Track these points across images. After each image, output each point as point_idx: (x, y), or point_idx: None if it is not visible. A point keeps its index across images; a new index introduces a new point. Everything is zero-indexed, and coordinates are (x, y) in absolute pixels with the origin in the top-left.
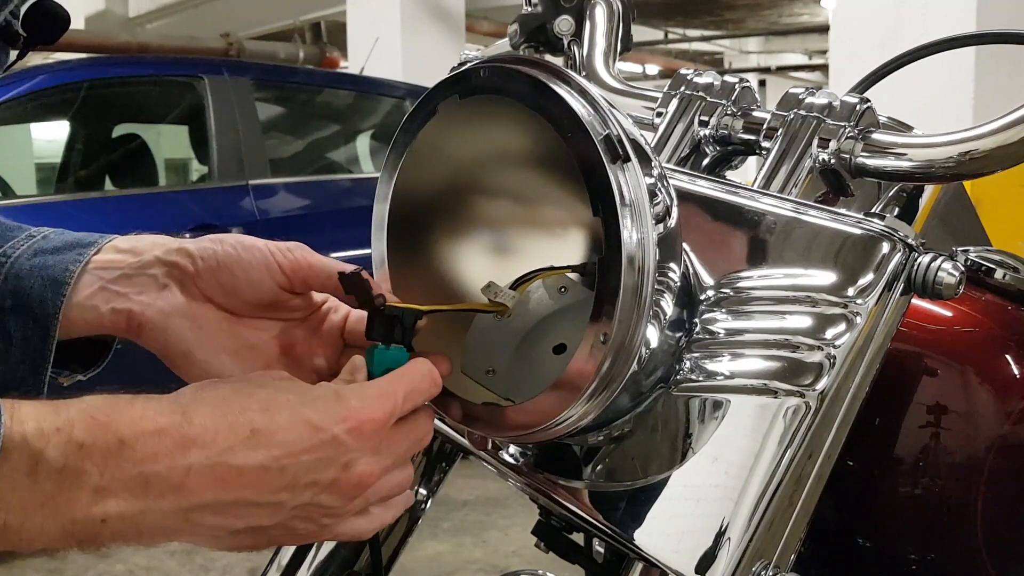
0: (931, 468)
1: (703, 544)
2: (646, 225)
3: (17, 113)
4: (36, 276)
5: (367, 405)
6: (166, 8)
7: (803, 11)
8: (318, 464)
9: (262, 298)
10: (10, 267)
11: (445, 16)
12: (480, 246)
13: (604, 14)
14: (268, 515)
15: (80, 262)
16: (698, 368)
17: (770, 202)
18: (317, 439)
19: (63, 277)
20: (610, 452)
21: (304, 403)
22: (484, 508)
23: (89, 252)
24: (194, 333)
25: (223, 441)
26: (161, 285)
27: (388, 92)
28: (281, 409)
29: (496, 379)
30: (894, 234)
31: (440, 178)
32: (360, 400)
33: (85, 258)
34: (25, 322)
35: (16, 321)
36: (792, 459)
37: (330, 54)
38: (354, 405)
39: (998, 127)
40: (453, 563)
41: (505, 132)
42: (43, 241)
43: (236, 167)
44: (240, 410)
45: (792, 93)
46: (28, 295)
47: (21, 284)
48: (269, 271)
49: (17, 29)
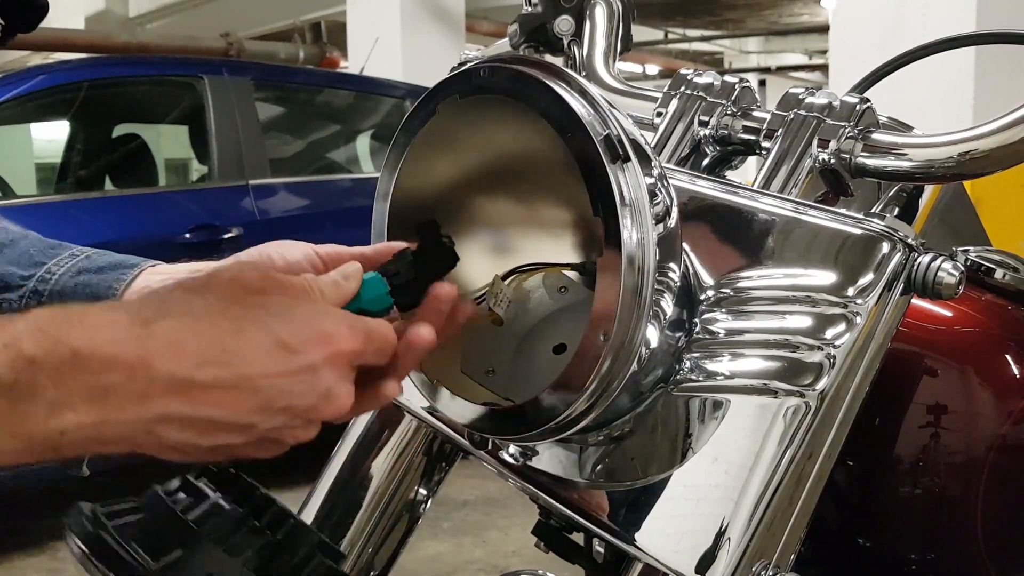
0: (931, 468)
1: (703, 544)
2: (646, 225)
3: (17, 113)
4: (80, 294)
5: (345, 334)
6: (166, 8)
7: (803, 11)
8: (295, 389)
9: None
10: (53, 284)
11: (445, 16)
12: (480, 246)
13: (604, 14)
14: (238, 436)
15: (124, 280)
16: (698, 368)
17: (770, 202)
18: (295, 363)
19: (106, 294)
20: (610, 452)
21: (282, 322)
22: (484, 508)
23: (132, 272)
24: None
25: (189, 357)
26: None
27: (388, 92)
28: (255, 326)
29: (496, 379)
30: (894, 234)
31: (440, 178)
32: (336, 324)
33: (128, 277)
34: None
35: None
36: (792, 459)
37: (330, 54)
38: (329, 329)
39: (998, 127)
40: (453, 563)
41: (505, 132)
42: (86, 261)
43: (236, 167)
44: (210, 324)
45: (792, 93)
46: None
47: (64, 301)
48: (312, 266)
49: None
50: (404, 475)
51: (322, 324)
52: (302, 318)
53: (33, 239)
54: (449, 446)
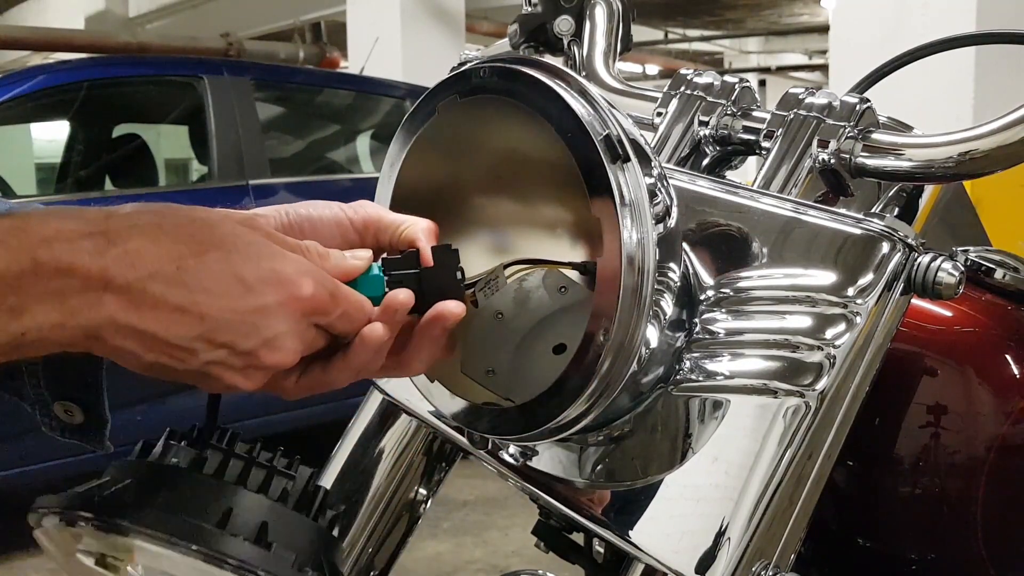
0: (931, 468)
1: (703, 544)
2: (646, 225)
3: (17, 113)
4: None
5: (307, 284)
6: (166, 8)
7: (803, 11)
8: (240, 327)
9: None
10: None
11: (445, 16)
12: (480, 246)
13: (604, 14)
14: (179, 359)
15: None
16: (698, 368)
17: (770, 202)
18: (247, 303)
19: None
20: (610, 452)
21: (244, 257)
22: (484, 508)
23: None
24: None
25: (145, 267)
26: None
27: (388, 92)
28: (217, 254)
29: (496, 379)
30: (894, 234)
31: (440, 178)
32: (300, 272)
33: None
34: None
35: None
36: (792, 459)
37: (330, 54)
38: (291, 274)
39: (998, 127)
40: (453, 563)
41: (505, 132)
42: None
43: (236, 167)
44: (174, 241)
45: (792, 93)
46: None
47: None
48: (340, 228)
49: None
50: (404, 475)
51: (284, 267)
52: (266, 257)
53: None
54: (449, 446)
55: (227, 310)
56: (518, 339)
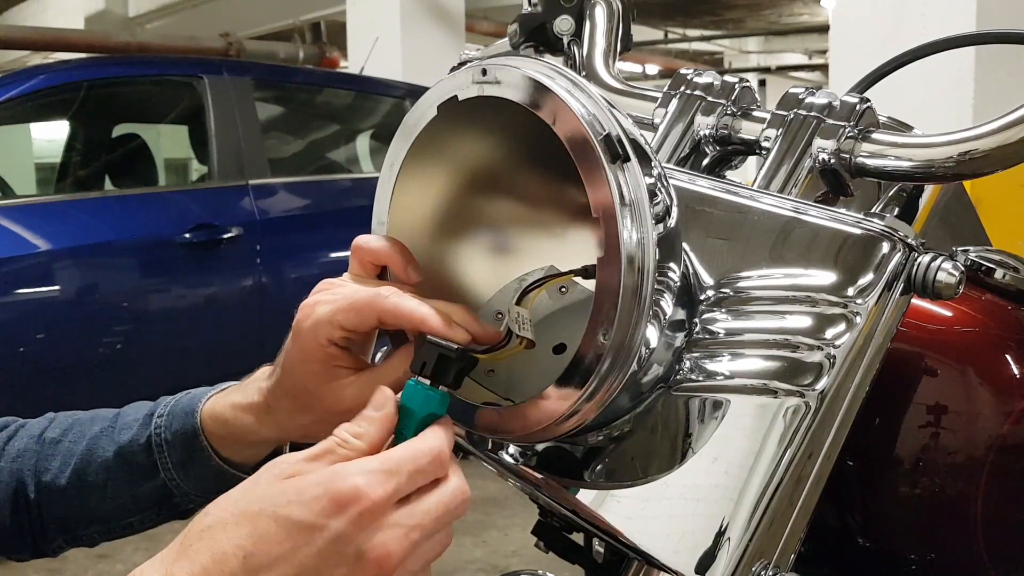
0: (931, 468)
1: (703, 544)
2: (646, 225)
3: (17, 113)
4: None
5: (363, 483)
6: (166, 8)
7: (803, 11)
8: (325, 564)
9: (322, 380)
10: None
11: (445, 16)
12: (480, 246)
13: (604, 14)
14: None
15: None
16: (698, 368)
17: (770, 202)
18: (319, 540)
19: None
20: (610, 452)
21: (289, 501)
22: (484, 508)
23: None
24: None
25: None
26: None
27: (388, 92)
28: (264, 519)
29: (496, 379)
30: (894, 234)
31: (439, 178)
32: (350, 478)
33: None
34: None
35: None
36: (792, 459)
37: (330, 54)
38: (346, 490)
39: (998, 127)
40: (453, 563)
41: (505, 132)
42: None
43: (236, 167)
44: (225, 540)
45: (792, 93)
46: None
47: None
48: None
49: None
50: None
51: (339, 483)
52: (313, 486)
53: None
54: None
55: (305, 557)
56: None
